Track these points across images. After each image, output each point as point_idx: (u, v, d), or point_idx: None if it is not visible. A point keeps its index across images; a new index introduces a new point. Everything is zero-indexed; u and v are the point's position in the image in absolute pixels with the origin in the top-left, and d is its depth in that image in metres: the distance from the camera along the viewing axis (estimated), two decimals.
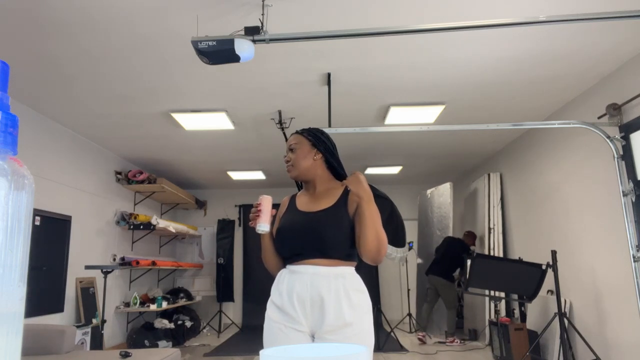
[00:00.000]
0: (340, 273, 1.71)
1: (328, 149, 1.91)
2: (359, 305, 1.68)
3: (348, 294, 1.68)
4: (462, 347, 6.26)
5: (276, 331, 1.71)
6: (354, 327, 1.65)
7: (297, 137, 1.93)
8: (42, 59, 3.64)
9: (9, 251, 0.59)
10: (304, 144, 1.91)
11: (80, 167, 5.62)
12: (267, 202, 1.78)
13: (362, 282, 1.76)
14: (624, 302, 3.99)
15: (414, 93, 4.48)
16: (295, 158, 1.90)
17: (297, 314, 1.69)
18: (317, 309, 1.68)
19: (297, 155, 1.89)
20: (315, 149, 1.90)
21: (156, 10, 3.02)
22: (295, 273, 1.74)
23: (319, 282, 1.69)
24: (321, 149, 1.90)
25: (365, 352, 0.75)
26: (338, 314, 1.65)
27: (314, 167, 1.89)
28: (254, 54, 2.71)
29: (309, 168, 1.89)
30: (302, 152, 1.89)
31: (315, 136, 1.93)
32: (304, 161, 1.88)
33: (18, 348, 0.61)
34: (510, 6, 3.04)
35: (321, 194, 1.88)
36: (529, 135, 5.80)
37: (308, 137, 1.92)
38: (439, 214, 7.43)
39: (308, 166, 1.89)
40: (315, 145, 1.90)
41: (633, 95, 3.81)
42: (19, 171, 0.62)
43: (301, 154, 1.89)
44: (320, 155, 1.90)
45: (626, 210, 3.57)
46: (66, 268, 5.21)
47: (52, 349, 3.65)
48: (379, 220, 1.72)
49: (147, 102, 4.59)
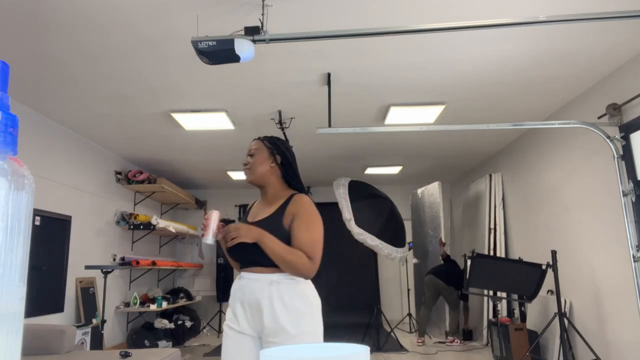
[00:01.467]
0: (275, 279, 1.80)
1: (285, 159, 1.99)
2: (295, 309, 1.75)
3: (283, 298, 1.76)
4: (462, 347, 6.26)
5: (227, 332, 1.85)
6: (290, 331, 1.73)
7: (258, 143, 2.02)
8: (42, 59, 3.64)
9: (9, 251, 0.59)
10: (263, 150, 1.99)
11: (80, 167, 5.62)
12: (214, 217, 1.89)
13: (304, 287, 1.81)
14: (624, 302, 3.99)
15: (414, 93, 4.48)
16: (253, 163, 1.98)
17: (243, 319, 1.82)
18: (256, 313, 1.79)
19: (255, 160, 1.98)
20: (272, 157, 1.98)
21: (156, 10, 3.02)
22: (241, 279, 1.87)
23: (256, 288, 1.80)
24: (278, 158, 1.98)
25: (365, 352, 0.75)
26: (273, 318, 1.75)
27: (269, 175, 1.97)
28: (254, 54, 2.71)
29: (264, 175, 1.97)
30: (260, 158, 1.97)
31: (275, 144, 2.01)
32: (261, 167, 1.96)
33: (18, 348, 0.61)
34: (510, 6, 3.04)
35: (270, 202, 1.97)
36: (529, 135, 5.80)
37: (268, 144, 2.00)
38: (431, 213, 7.43)
39: (264, 172, 1.97)
40: (273, 153, 1.98)
41: (633, 95, 3.81)
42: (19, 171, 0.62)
43: (259, 160, 1.97)
44: (276, 163, 1.98)
45: (626, 210, 3.57)
46: (66, 268, 5.21)
47: (52, 349, 3.65)
48: (281, 251, 1.77)
49: (147, 102, 4.60)
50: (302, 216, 1.83)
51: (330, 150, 6.52)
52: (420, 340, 6.46)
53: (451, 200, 9.23)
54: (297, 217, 1.83)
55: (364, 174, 8.18)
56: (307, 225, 1.82)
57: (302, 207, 1.85)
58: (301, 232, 1.80)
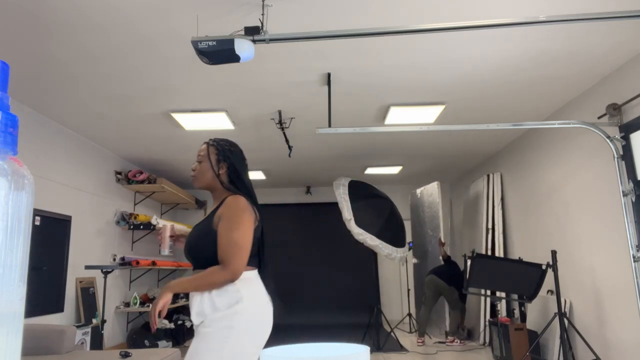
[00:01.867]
0: None
1: (232, 164, 1.97)
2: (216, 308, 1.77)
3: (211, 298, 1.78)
4: (462, 347, 6.26)
5: None
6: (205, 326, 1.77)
7: (205, 148, 2.00)
8: (42, 59, 3.64)
9: (9, 251, 0.59)
10: (211, 155, 1.97)
11: (80, 167, 5.62)
12: (165, 230, 2.03)
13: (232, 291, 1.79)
14: (624, 302, 3.99)
15: (414, 93, 4.48)
16: (199, 169, 1.97)
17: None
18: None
19: (201, 166, 1.97)
20: (219, 163, 1.96)
21: (156, 10, 3.02)
22: None
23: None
24: (225, 163, 1.97)
25: (365, 352, 0.75)
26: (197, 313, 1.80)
27: (214, 180, 1.96)
28: (254, 54, 2.71)
29: (210, 180, 1.96)
30: (206, 163, 1.97)
31: (222, 149, 1.98)
32: (208, 173, 1.96)
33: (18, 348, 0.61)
34: (510, 6, 3.04)
35: (213, 206, 1.97)
36: (529, 135, 5.80)
37: (215, 149, 1.98)
38: (430, 213, 7.43)
39: (209, 178, 1.96)
40: (219, 160, 1.96)
41: (633, 95, 3.81)
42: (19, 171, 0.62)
43: (205, 166, 1.96)
44: (224, 169, 1.96)
45: (626, 210, 3.57)
46: (66, 268, 5.21)
47: (52, 349, 3.65)
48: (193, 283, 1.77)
49: (147, 102, 4.60)
50: (226, 217, 1.82)
51: (330, 150, 6.52)
52: (420, 340, 6.46)
53: (451, 200, 9.23)
54: (222, 218, 1.83)
55: (364, 174, 8.18)
56: (229, 226, 1.80)
57: (228, 208, 1.83)
58: (221, 236, 1.80)
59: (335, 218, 8.99)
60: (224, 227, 1.80)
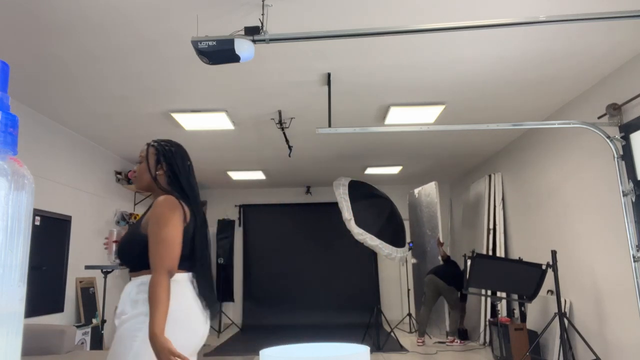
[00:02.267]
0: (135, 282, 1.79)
1: (171, 166, 1.91)
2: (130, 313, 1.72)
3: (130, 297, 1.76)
4: (462, 347, 6.26)
5: None
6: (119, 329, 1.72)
7: (145, 149, 1.96)
8: (42, 59, 3.64)
9: (9, 251, 0.59)
10: (150, 156, 1.92)
11: (80, 167, 5.62)
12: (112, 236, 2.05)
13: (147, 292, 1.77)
14: (624, 302, 3.99)
15: (414, 93, 4.48)
16: (139, 171, 1.93)
17: None
18: None
19: (141, 168, 1.93)
20: (158, 164, 1.91)
21: (156, 10, 3.02)
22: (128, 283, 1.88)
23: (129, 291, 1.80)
24: (164, 164, 1.90)
25: (365, 352, 0.75)
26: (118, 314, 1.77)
27: (153, 182, 1.91)
28: (254, 54, 2.71)
29: (149, 182, 1.91)
30: (145, 165, 1.92)
31: (161, 150, 1.92)
32: (146, 174, 1.91)
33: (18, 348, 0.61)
34: (510, 6, 3.04)
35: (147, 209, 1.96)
36: (529, 135, 5.80)
37: (155, 150, 1.93)
38: (428, 213, 7.42)
39: (148, 180, 1.91)
40: (160, 160, 1.91)
41: (633, 95, 3.81)
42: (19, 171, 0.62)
43: (144, 167, 1.92)
44: (162, 171, 1.90)
45: (626, 210, 3.57)
46: (66, 268, 5.21)
47: (52, 349, 3.65)
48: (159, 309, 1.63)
49: (147, 102, 4.60)
50: (152, 218, 1.76)
51: (330, 150, 6.51)
52: (420, 340, 6.45)
53: (451, 201, 9.23)
54: (150, 220, 1.77)
55: (364, 174, 8.18)
56: (155, 227, 1.74)
57: (155, 208, 1.78)
58: (150, 237, 1.74)
59: (335, 218, 8.99)
60: (151, 227, 1.75)
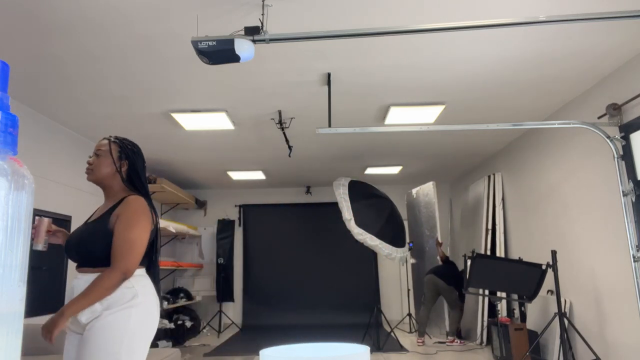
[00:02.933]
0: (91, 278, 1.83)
1: (132, 165, 2.00)
2: (109, 305, 1.78)
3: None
4: (462, 347, 6.26)
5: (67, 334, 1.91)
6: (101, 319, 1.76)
7: (107, 143, 2.01)
8: (42, 59, 3.64)
9: (9, 251, 0.59)
10: (112, 151, 1.99)
11: (80, 167, 5.62)
12: (42, 224, 1.98)
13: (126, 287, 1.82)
14: (624, 302, 3.99)
15: (414, 93, 4.48)
16: (97, 163, 1.97)
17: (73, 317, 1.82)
18: None
19: (99, 161, 1.97)
20: (119, 162, 1.99)
21: (156, 10, 3.02)
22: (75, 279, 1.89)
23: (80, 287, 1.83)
24: (125, 163, 2.00)
25: (365, 352, 0.75)
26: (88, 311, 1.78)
27: (111, 178, 1.98)
28: (254, 54, 2.71)
29: (106, 177, 1.98)
30: (105, 160, 1.97)
31: (124, 147, 2.01)
32: (105, 169, 1.97)
33: (18, 348, 0.61)
34: (510, 6, 3.04)
35: (108, 204, 1.98)
36: (529, 135, 5.80)
37: (118, 146, 2.01)
38: (426, 213, 7.42)
39: (106, 175, 1.97)
40: (121, 157, 2.00)
41: (633, 95, 3.81)
42: (19, 171, 0.62)
43: (104, 162, 1.97)
44: (124, 167, 1.99)
45: (626, 210, 3.57)
46: (66, 268, 5.21)
47: (52, 349, 3.66)
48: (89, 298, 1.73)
49: (147, 102, 4.60)
50: (124, 216, 1.84)
51: (330, 150, 6.52)
52: (420, 340, 6.45)
53: (451, 201, 9.23)
54: (120, 217, 1.85)
55: (364, 174, 8.18)
56: (126, 225, 1.82)
57: (126, 208, 1.86)
58: (117, 234, 1.82)
59: (335, 218, 8.99)
60: (120, 225, 1.82)
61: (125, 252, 1.78)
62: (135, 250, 1.80)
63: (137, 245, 1.81)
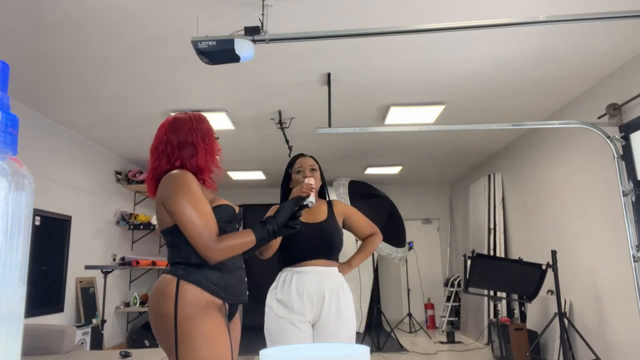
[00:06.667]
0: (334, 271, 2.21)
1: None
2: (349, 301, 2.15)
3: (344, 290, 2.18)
4: (462, 347, 6.25)
5: (284, 325, 2.06)
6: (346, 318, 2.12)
7: (313, 161, 2.39)
8: (42, 59, 3.64)
9: (9, 251, 0.59)
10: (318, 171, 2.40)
11: (80, 167, 5.62)
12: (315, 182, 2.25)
13: None
14: (624, 302, 3.99)
15: (414, 93, 4.48)
16: (317, 178, 2.33)
17: (304, 308, 2.05)
18: (320, 302, 2.09)
19: (317, 175, 2.34)
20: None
21: (156, 10, 3.02)
22: (301, 273, 2.13)
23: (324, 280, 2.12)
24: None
25: (365, 352, 0.75)
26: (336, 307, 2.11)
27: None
28: (254, 54, 2.71)
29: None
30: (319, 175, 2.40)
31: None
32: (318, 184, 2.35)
33: (18, 348, 0.61)
34: (510, 6, 3.04)
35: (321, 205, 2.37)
36: (529, 135, 5.80)
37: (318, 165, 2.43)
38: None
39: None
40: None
41: (633, 95, 3.81)
42: (19, 171, 0.62)
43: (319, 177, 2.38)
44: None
45: (626, 210, 3.57)
46: (66, 268, 5.21)
47: (52, 349, 3.65)
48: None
49: (147, 102, 4.59)
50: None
51: (330, 150, 6.51)
52: None
53: (451, 201, 9.23)
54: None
55: (364, 174, 8.17)
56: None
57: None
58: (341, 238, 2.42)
59: None
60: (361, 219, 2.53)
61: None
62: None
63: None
